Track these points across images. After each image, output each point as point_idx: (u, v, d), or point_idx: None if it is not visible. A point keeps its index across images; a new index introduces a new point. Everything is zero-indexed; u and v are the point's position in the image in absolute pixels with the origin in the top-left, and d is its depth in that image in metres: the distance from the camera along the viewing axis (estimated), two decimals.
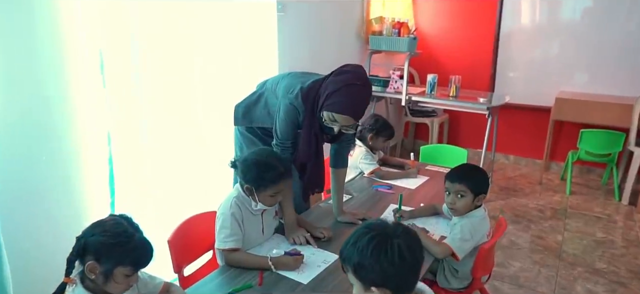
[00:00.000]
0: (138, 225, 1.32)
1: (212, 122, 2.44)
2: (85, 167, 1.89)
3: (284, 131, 1.89)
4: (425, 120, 4.81)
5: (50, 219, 1.80)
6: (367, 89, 1.80)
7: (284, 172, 1.70)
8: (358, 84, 1.74)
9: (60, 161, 1.80)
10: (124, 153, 2.01)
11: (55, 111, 1.76)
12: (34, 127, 1.70)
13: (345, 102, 1.72)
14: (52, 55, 1.72)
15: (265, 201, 1.74)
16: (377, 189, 2.51)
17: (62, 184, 1.82)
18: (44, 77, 1.71)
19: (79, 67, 1.80)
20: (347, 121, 1.75)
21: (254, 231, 1.81)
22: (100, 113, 1.91)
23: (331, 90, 1.74)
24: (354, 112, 1.75)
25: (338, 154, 2.07)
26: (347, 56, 4.00)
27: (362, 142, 2.78)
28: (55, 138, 1.77)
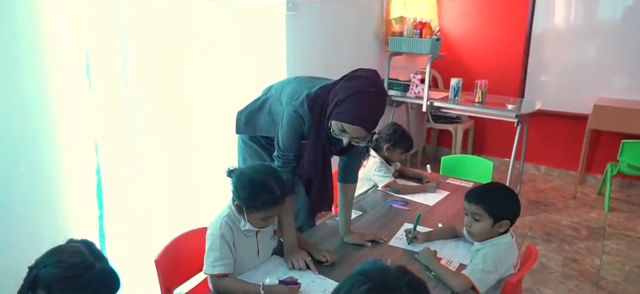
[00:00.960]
0: (101, 253, 1.15)
1: (211, 130, 2.27)
2: (70, 177, 1.75)
3: (286, 142, 1.70)
4: (449, 127, 4.54)
5: (30, 234, 1.65)
6: (382, 97, 1.59)
7: (280, 197, 1.50)
8: (372, 90, 1.53)
9: (41, 170, 1.66)
10: (113, 163, 1.86)
11: (34, 115, 1.62)
12: (9, 133, 1.56)
13: (357, 111, 1.52)
14: (31, 56, 1.58)
15: (256, 223, 1.56)
16: (391, 204, 2.28)
17: (44, 196, 1.68)
18: (22, 79, 1.57)
19: (62, 70, 1.66)
20: (358, 132, 1.55)
21: (248, 253, 1.62)
22: (87, 119, 1.76)
23: (341, 97, 1.54)
24: (366, 122, 1.54)
25: (347, 167, 1.87)
26: (364, 59, 3.77)
27: (377, 152, 2.55)
28: (34, 145, 1.63)
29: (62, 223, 1.74)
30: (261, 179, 1.50)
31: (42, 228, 1.68)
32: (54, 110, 1.67)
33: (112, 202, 1.87)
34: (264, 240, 1.67)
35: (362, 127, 1.54)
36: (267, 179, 1.50)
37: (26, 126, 1.60)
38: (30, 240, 1.64)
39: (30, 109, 1.60)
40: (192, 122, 2.17)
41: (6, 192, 1.57)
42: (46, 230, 1.69)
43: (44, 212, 1.68)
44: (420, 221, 1.93)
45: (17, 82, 1.56)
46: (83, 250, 1.12)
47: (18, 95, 1.56)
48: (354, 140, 1.59)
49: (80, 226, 1.79)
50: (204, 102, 2.22)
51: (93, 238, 1.83)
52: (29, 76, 1.58)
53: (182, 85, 2.10)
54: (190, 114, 2.16)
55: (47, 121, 1.65)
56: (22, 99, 1.57)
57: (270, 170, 1.55)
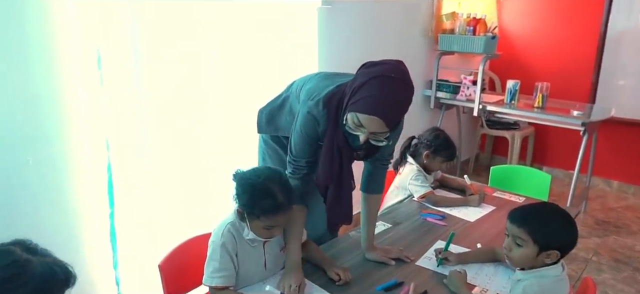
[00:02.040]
0: (40, 249, 1.05)
1: (229, 129, 2.16)
2: (81, 175, 1.71)
3: (298, 146, 1.52)
4: (505, 133, 4.15)
5: (41, 234, 1.60)
6: (406, 85, 1.34)
7: (283, 204, 1.35)
8: (392, 76, 1.31)
9: (51, 168, 1.62)
10: (125, 161, 1.80)
11: (44, 112, 1.58)
12: (19, 129, 1.53)
13: (373, 99, 1.29)
14: (42, 52, 1.54)
15: (258, 233, 1.41)
16: (425, 217, 2.05)
17: (54, 194, 1.64)
18: (33, 75, 1.53)
19: (73, 66, 1.61)
20: (376, 125, 1.31)
21: (252, 265, 1.48)
22: (98, 116, 1.71)
23: (358, 84, 1.34)
24: (385, 111, 1.29)
25: (371, 175, 1.66)
26: (409, 58, 3.42)
27: (415, 159, 2.32)
28: (44, 142, 1.59)
29: (73, 222, 1.70)
30: (262, 183, 1.35)
31: (53, 228, 1.64)
32: (65, 106, 1.63)
33: (124, 201, 1.82)
34: (272, 251, 1.52)
35: (379, 117, 1.30)
36: (269, 184, 1.35)
37: (36, 122, 1.57)
38: (41, 240, 1.60)
39: (41, 105, 1.57)
40: (209, 120, 2.07)
41: (15, 190, 1.55)
42: (57, 230, 1.66)
43: (55, 211, 1.65)
44: (455, 239, 1.69)
45: (28, 78, 1.53)
46: (13, 249, 1.02)
47: (28, 91, 1.53)
48: (372, 137, 1.36)
49: (92, 225, 1.75)
50: (223, 100, 2.12)
51: (104, 237, 1.80)
52: (40, 72, 1.55)
53: (198, 82, 2.00)
54: (208, 111, 2.06)
55: (57, 117, 1.62)
56: (32, 95, 1.54)
57: (274, 174, 1.40)
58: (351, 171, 1.56)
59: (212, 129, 2.09)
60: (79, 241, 1.73)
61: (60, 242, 1.66)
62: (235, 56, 2.14)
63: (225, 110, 2.14)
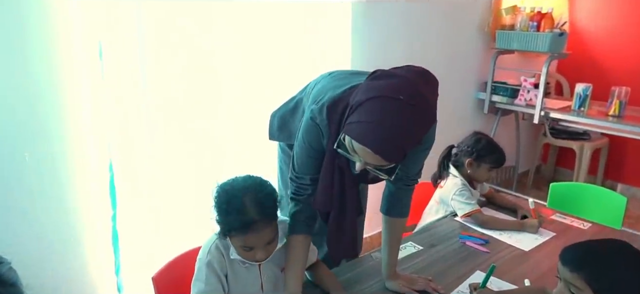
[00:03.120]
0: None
1: (244, 130, 1.97)
2: (82, 173, 1.60)
3: (301, 160, 1.28)
4: (572, 144, 3.65)
5: (37, 233, 1.54)
6: (415, 111, 1.04)
7: (255, 221, 1.12)
8: (398, 99, 1.02)
9: (50, 163, 1.53)
10: (127, 161, 1.68)
11: (43, 105, 1.48)
12: (17, 123, 1.44)
13: (367, 127, 1.03)
14: (42, 44, 1.44)
15: (240, 254, 1.21)
16: (464, 241, 1.75)
17: (53, 191, 1.55)
18: (31, 67, 1.44)
19: (74, 58, 1.50)
20: (370, 156, 1.05)
21: (246, 288, 1.28)
22: (99, 112, 1.60)
23: (357, 101, 1.08)
24: (380, 145, 1.02)
25: (392, 197, 1.39)
26: (461, 57, 3.18)
27: (458, 170, 2.01)
28: (43, 137, 1.50)
29: (73, 222, 1.60)
30: (234, 195, 1.14)
31: (51, 227, 1.55)
32: (66, 103, 1.53)
33: (126, 203, 1.69)
34: (270, 273, 1.31)
35: (373, 151, 1.03)
36: (243, 196, 1.14)
37: (36, 117, 1.48)
38: (38, 240, 1.53)
39: (40, 100, 1.47)
40: (220, 121, 1.90)
41: (12, 188, 1.46)
42: (56, 230, 1.57)
43: (53, 209, 1.56)
44: (498, 271, 1.39)
45: (27, 72, 1.43)
46: None
47: (27, 85, 1.44)
48: (369, 168, 1.11)
49: (93, 226, 1.64)
50: (237, 101, 1.93)
51: (106, 239, 1.68)
52: (39, 66, 1.45)
53: (210, 80, 1.84)
54: (219, 113, 1.89)
55: (58, 114, 1.52)
56: (31, 90, 1.45)
57: (253, 185, 1.18)
58: (357, 196, 1.30)
59: (223, 130, 1.92)
60: (80, 244, 1.63)
61: (59, 244, 1.58)
62: (252, 55, 1.94)
63: (239, 111, 1.95)
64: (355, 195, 1.27)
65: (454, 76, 3.16)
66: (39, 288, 1.54)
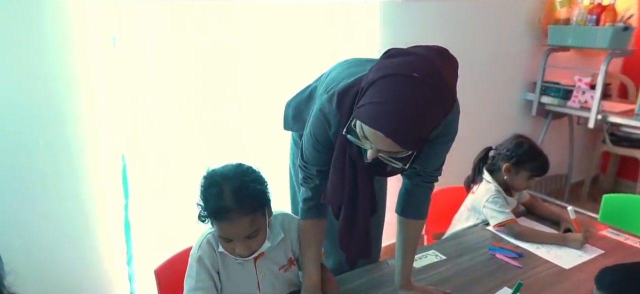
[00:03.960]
0: None
1: (259, 122, 1.89)
2: (96, 159, 1.60)
3: (308, 151, 1.20)
4: (636, 153, 3.28)
5: (50, 218, 1.55)
6: (432, 90, 0.91)
7: (228, 209, 1.04)
8: (414, 76, 0.90)
9: (64, 148, 1.53)
10: (139, 150, 1.66)
11: (58, 91, 1.49)
12: (31, 107, 1.45)
13: (378, 107, 0.91)
14: (57, 28, 1.44)
15: (221, 244, 1.14)
16: (494, 253, 1.57)
17: (66, 177, 1.56)
18: (46, 52, 1.45)
19: (88, 51, 1.50)
20: (382, 141, 0.93)
21: (242, 286, 1.20)
22: (113, 99, 1.58)
23: (368, 81, 0.97)
24: (392, 127, 0.90)
25: (409, 195, 1.26)
26: (507, 56, 2.94)
27: (493, 176, 1.83)
28: (57, 122, 1.50)
29: (86, 209, 1.61)
30: (215, 181, 1.08)
31: (64, 214, 1.56)
32: (79, 91, 1.53)
33: (138, 191, 1.67)
34: (267, 270, 1.22)
35: (384, 134, 0.91)
36: (222, 183, 1.07)
37: (50, 103, 1.48)
38: (52, 226, 1.54)
39: (55, 88, 1.48)
40: (235, 113, 1.83)
41: (25, 172, 1.47)
42: (69, 216, 1.58)
43: (66, 195, 1.56)
44: (531, 291, 1.22)
45: (42, 61, 1.44)
46: None
47: (42, 74, 1.45)
48: (382, 155, 0.99)
49: (106, 214, 1.64)
50: (255, 98, 1.85)
51: (118, 228, 1.67)
52: (55, 56, 1.46)
53: (224, 76, 1.78)
54: (233, 106, 1.82)
55: (72, 101, 1.52)
56: (46, 78, 1.46)
57: (236, 171, 1.11)
58: (371, 191, 1.18)
59: (237, 123, 1.85)
60: (93, 232, 1.64)
61: (73, 231, 1.59)
62: (272, 52, 1.86)
63: (255, 106, 1.88)
64: (368, 190, 1.15)
65: (499, 74, 2.92)
66: (52, 273, 1.57)
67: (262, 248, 1.16)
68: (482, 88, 2.76)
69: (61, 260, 1.57)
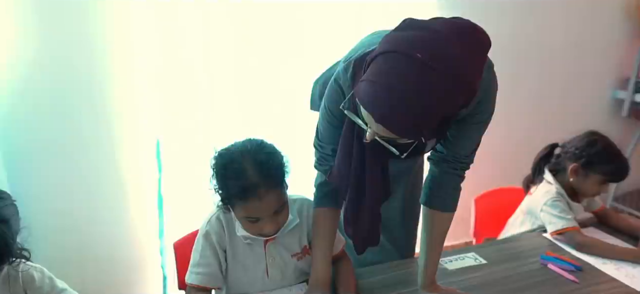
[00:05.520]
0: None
1: (293, 102, 1.81)
2: (133, 130, 1.64)
3: (322, 126, 1.11)
4: None
5: (85, 179, 1.62)
6: (436, 78, 0.76)
7: (255, 185, 0.98)
8: (415, 57, 0.76)
9: (103, 114, 1.59)
10: (173, 127, 1.68)
11: (99, 58, 1.54)
12: (77, 74, 1.52)
13: (373, 87, 0.80)
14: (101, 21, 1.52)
15: (245, 227, 1.07)
16: (547, 262, 1.35)
17: (105, 141, 1.62)
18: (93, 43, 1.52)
19: (130, 39, 1.56)
20: (374, 124, 0.83)
21: (249, 269, 1.14)
22: (151, 83, 1.62)
23: (372, 56, 0.85)
24: (383, 112, 0.80)
25: (436, 183, 1.11)
26: (593, 48, 2.57)
27: (555, 177, 1.59)
28: (99, 89, 1.56)
29: (122, 179, 1.66)
30: (232, 159, 1.01)
31: (100, 179, 1.63)
32: (118, 62, 1.58)
33: (171, 167, 1.69)
34: (278, 255, 1.15)
35: (372, 116, 0.81)
36: (242, 159, 1.00)
37: (92, 75, 1.55)
38: (88, 190, 1.62)
39: (98, 59, 1.55)
40: (266, 99, 1.78)
41: (66, 137, 1.55)
42: (106, 183, 1.64)
43: (105, 163, 1.63)
44: None
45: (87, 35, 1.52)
46: None
47: (87, 45, 1.52)
48: (379, 139, 0.87)
49: (140, 184, 1.68)
50: (282, 78, 1.79)
51: (151, 201, 1.71)
52: (100, 39, 1.53)
53: (253, 59, 1.74)
54: (266, 78, 1.77)
55: (112, 72, 1.58)
56: (90, 49, 1.53)
57: (252, 146, 1.04)
58: (380, 172, 1.04)
59: (268, 104, 1.79)
60: (128, 201, 1.69)
61: (109, 199, 1.65)
62: (301, 38, 1.79)
63: (284, 91, 1.82)
64: (377, 171, 1.03)
65: (583, 67, 2.57)
66: (89, 238, 1.65)
67: None
68: (561, 83, 2.45)
69: (98, 228, 1.64)
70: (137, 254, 1.71)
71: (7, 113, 1.48)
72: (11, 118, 1.49)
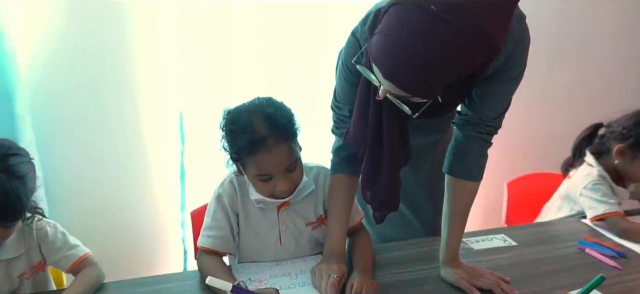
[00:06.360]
0: (10, 167, 0.89)
1: (313, 83, 1.76)
2: (156, 101, 1.65)
3: (339, 86, 1.05)
4: None
5: (112, 151, 1.64)
6: (450, 32, 0.70)
7: (264, 137, 0.94)
8: (428, 8, 0.70)
9: (129, 87, 1.60)
10: (195, 99, 1.67)
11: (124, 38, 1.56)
12: (99, 47, 1.54)
13: (384, 42, 0.75)
14: None
15: (257, 187, 1.03)
16: (585, 247, 1.24)
17: (129, 113, 1.62)
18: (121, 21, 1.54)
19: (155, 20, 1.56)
20: (384, 80, 0.78)
21: (261, 236, 1.11)
22: (173, 54, 1.62)
23: (386, 7, 0.79)
24: (391, 67, 0.75)
25: (460, 148, 1.03)
26: None
27: (599, 160, 1.47)
28: (124, 59, 1.57)
29: (145, 147, 1.66)
30: (241, 114, 0.98)
31: (125, 149, 1.63)
32: (145, 30, 1.57)
33: (194, 141, 1.69)
34: (291, 222, 1.11)
35: (381, 71, 0.76)
36: (250, 114, 0.97)
37: (118, 44, 1.55)
38: (113, 159, 1.63)
39: (122, 21, 1.54)
40: (290, 59, 1.73)
41: (91, 107, 1.57)
42: (130, 152, 1.64)
43: (129, 134, 1.63)
44: None
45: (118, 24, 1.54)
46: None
47: (113, 18, 1.53)
48: (391, 96, 0.81)
49: (163, 156, 1.68)
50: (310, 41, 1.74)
51: (173, 174, 1.71)
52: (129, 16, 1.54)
53: (274, 40, 1.71)
54: (288, 50, 1.72)
55: (137, 46, 1.58)
56: (114, 14, 1.53)
57: (261, 101, 1.01)
58: (399, 134, 0.97)
59: (293, 76, 1.74)
60: (150, 173, 1.69)
61: (133, 167, 1.67)
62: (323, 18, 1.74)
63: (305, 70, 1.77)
64: (395, 133, 0.96)
65: (631, 45, 2.35)
66: (112, 208, 1.67)
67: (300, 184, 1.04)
68: (606, 60, 2.22)
69: (122, 197, 1.66)
70: (159, 226, 1.71)
71: (38, 82, 1.51)
72: (42, 88, 1.52)
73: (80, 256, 1.02)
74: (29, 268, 1.01)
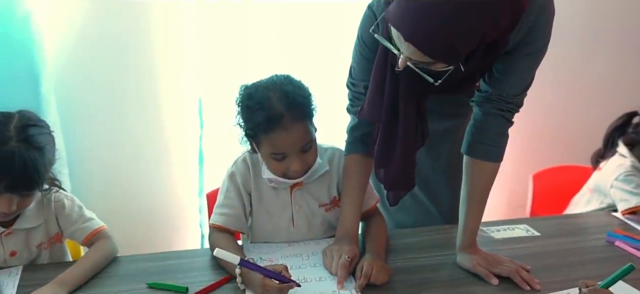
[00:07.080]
0: (30, 137, 0.91)
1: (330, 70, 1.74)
2: (175, 87, 1.66)
3: (355, 62, 1.03)
4: None
5: (131, 138, 1.66)
6: None
7: (280, 115, 0.93)
8: None
9: (148, 74, 1.62)
10: (214, 84, 1.68)
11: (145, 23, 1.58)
12: (119, 33, 1.57)
13: (405, 5, 0.74)
14: None
15: (271, 167, 1.02)
16: (614, 240, 1.17)
17: (149, 98, 1.65)
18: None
19: None
20: (406, 47, 0.76)
21: (274, 216, 1.09)
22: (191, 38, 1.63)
23: None
24: (413, 29, 0.73)
25: (478, 128, 0.99)
26: None
27: (632, 150, 1.39)
28: (147, 43, 1.59)
29: (165, 132, 1.68)
30: (258, 91, 0.97)
31: (144, 132, 1.66)
32: (165, 19, 1.60)
33: (212, 125, 1.70)
34: (304, 203, 1.09)
35: (402, 34, 0.74)
36: (267, 91, 0.96)
37: (138, 28, 1.58)
38: (132, 142, 1.65)
39: (143, 10, 1.57)
40: (307, 45, 1.71)
41: (111, 90, 1.59)
42: (149, 141, 1.67)
43: (148, 117, 1.66)
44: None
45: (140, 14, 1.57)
46: (5, 120, 0.92)
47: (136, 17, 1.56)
48: (411, 64, 0.79)
49: (182, 141, 1.70)
50: (328, 26, 1.72)
51: (192, 159, 1.72)
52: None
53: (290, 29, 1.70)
54: (305, 36, 1.71)
55: (157, 30, 1.60)
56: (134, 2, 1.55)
57: (278, 79, 1.00)
58: (415, 110, 0.94)
59: (311, 60, 1.73)
60: (170, 159, 1.71)
61: (152, 154, 1.69)
62: None
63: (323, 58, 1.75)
64: (412, 109, 0.93)
65: None
66: (132, 190, 1.70)
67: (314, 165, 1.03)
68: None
69: (141, 182, 1.68)
70: (177, 210, 1.73)
71: (63, 66, 1.55)
72: (67, 72, 1.56)
73: (95, 229, 1.04)
74: (47, 239, 1.03)
